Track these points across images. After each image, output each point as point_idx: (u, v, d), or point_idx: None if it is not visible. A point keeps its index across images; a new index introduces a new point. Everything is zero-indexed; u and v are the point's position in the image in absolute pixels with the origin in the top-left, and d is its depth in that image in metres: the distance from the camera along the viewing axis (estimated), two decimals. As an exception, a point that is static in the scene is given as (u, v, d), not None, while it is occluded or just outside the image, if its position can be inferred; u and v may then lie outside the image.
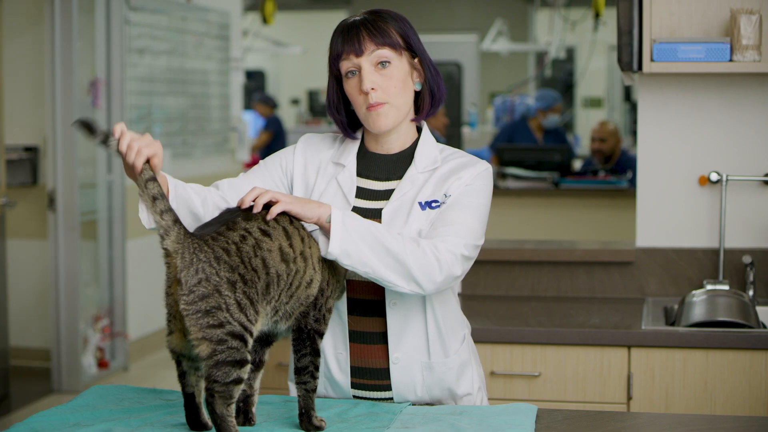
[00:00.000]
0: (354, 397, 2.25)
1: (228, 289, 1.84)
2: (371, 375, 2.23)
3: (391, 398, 2.24)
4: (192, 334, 1.84)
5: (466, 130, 9.83)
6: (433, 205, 2.19)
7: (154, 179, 1.89)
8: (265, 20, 9.23)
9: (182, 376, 1.96)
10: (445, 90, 2.28)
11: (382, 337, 2.21)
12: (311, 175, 2.27)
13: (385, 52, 2.18)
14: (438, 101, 2.26)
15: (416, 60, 2.23)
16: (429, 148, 2.26)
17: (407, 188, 2.21)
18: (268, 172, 2.28)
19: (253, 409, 2.03)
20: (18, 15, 5.75)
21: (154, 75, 6.48)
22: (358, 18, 2.21)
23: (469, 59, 11.76)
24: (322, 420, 2.02)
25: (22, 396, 5.32)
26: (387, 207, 2.20)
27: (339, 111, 2.26)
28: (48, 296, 5.68)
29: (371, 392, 2.24)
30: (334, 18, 13.05)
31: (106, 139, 1.88)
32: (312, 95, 12.85)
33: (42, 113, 5.68)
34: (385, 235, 2.06)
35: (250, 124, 9.92)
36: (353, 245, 2.03)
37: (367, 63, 2.17)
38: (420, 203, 2.19)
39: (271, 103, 10.16)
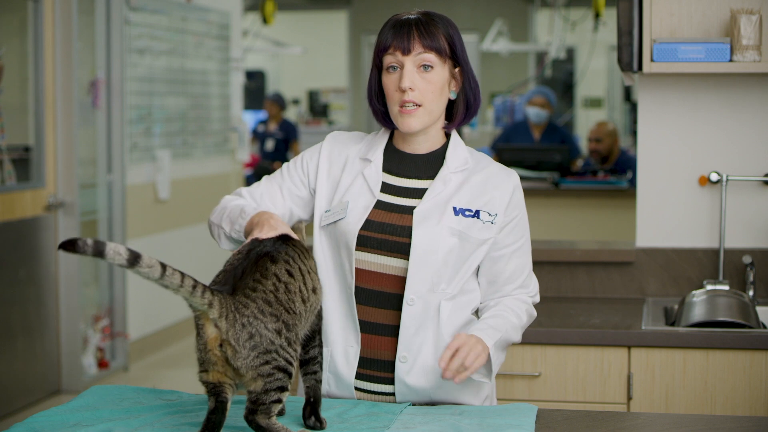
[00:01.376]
0: (356, 389, 2.25)
1: (275, 336, 1.95)
2: (377, 366, 2.24)
3: (393, 393, 2.24)
4: (247, 377, 1.94)
5: (466, 130, 9.83)
6: (467, 213, 2.23)
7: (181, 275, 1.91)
8: (265, 20, 9.24)
9: (220, 405, 1.97)
10: (481, 101, 2.32)
11: (394, 331, 2.22)
12: (337, 171, 2.31)
13: (431, 57, 2.22)
14: (473, 113, 2.31)
15: (457, 70, 2.27)
16: (459, 150, 2.30)
17: (440, 188, 2.25)
18: (289, 177, 2.33)
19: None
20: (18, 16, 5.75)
21: (155, 75, 6.48)
22: (412, 16, 2.24)
23: (470, 59, 11.76)
24: (324, 419, 2.06)
25: (22, 396, 5.31)
26: (420, 206, 2.23)
27: (379, 101, 2.29)
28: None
29: (375, 384, 2.24)
30: (334, 18, 13.05)
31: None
32: (312, 95, 12.85)
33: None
34: (513, 332, 2.26)
35: (250, 124, 9.92)
36: (498, 362, 2.23)
37: (410, 63, 2.21)
38: (454, 208, 2.23)
39: (282, 104, 10.11)
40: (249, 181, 9.66)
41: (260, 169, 9.85)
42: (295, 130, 9.95)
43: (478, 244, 2.23)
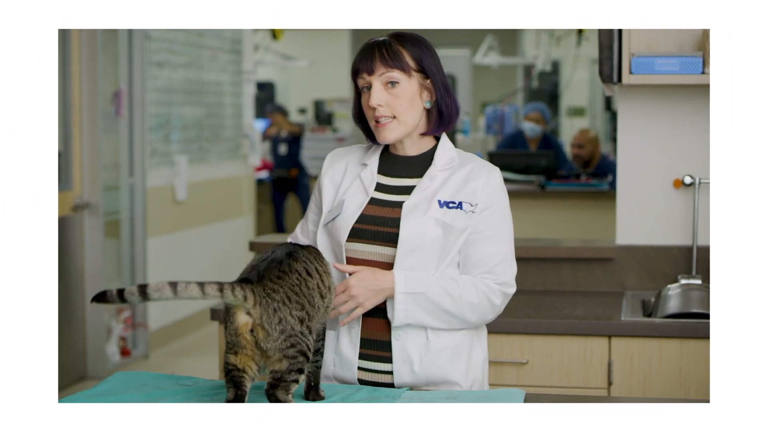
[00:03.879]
0: (358, 368, 2.27)
1: (297, 323, 1.98)
2: (376, 346, 2.26)
3: (391, 372, 2.26)
4: (274, 358, 1.96)
5: (459, 137, 9.83)
6: (450, 205, 2.24)
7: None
8: (274, 36, 9.24)
9: (239, 398, 1.97)
10: (459, 108, 2.32)
11: (386, 312, 2.25)
12: (338, 177, 2.35)
13: (394, 74, 2.23)
14: (447, 119, 2.30)
15: (428, 81, 2.27)
16: (447, 151, 2.32)
17: (427, 184, 2.27)
18: (314, 204, 2.39)
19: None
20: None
21: (173, 86, 6.48)
22: (379, 39, 2.27)
23: (463, 72, 11.76)
24: (323, 390, 2.12)
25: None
26: (408, 200, 2.26)
27: (361, 120, 2.34)
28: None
29: (374, 363, 2.26)
30: (338, 34, 13.03)
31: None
32: (318, 105, 12.83)
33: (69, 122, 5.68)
34: (445, 301, 2.21)
35: (261, 131, 9.90)
36: (415, 319, 2.21)
37: (377, 82, 2.24)
38: (439, 201, 2.25)
39: (284, 111, 10.10)
40: (262, 184, 9.65)
41: (278, 176, 9.77)
42: (301, 125, 9.98)
43: (460, 233, 2.24)
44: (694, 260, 3.37)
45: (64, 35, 5.37)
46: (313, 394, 2.10)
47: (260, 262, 2.03)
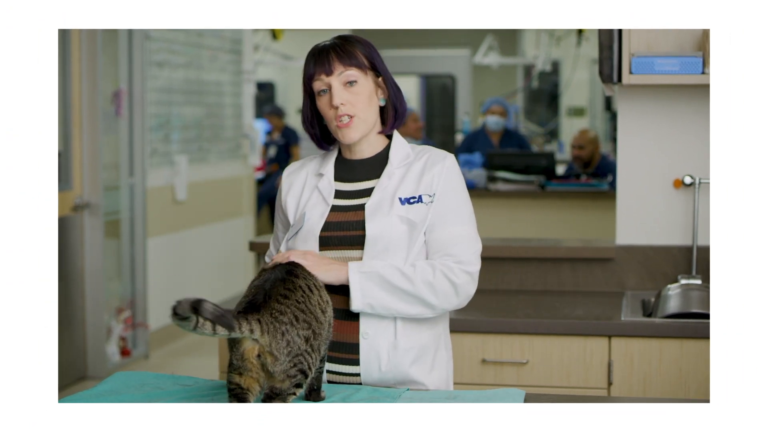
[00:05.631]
0: (327, 371, 2.27)
1: (303, 342, 1.98)
2: (343, 349, 2.25)
3: (358, 374, 2.26)
4: (278, 378, 1.96)
5: (459, 137, 9.83)
6: (412, 200, 2.27)
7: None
8: (274, 36, 9.24)
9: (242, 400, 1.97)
10: (407, 106, 2.37)
11: (356, 315, 2.25)
12: (297, 191, 2.36)
13: (352, 72, 2.27)
14: (401, 115, 2.35)
15: (380, 79, 2.32)
16: (401, 147, 2.35)
17: (386, 183, 2.29)
18: (280, 223, 2.40)
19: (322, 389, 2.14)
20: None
21: (173, 86, 6.48)
22: (328, 43, 2.31)
23: (463, 72, 11.75)
24: (324, 391, 2.12)
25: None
26: (369, 201, 2.27)
27: (313, 125, 2.35)
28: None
29: (342, 366, 2.26)
30: (338, 34, 13.04)
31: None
32: (318, 105, 12.82)
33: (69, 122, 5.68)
34: (399, 279, 2.20)
35: (261, 131, 9.92)
36: (374, 298, 2.19)
37: (336, 82, 2.26)
38: (400, 199, 2.27)
39: (280, 114, 10.16)
40: (260, 183, 9.66)
41: (267, 173, 9.91)
42: (294, 135, 10.02)
43: (423, 226, 2.26)
44: (694, 260, 3.37)
45: (64, 35, 5.37)
46: (314, 395, 2.10)
47: (264, 282, 2.02)
